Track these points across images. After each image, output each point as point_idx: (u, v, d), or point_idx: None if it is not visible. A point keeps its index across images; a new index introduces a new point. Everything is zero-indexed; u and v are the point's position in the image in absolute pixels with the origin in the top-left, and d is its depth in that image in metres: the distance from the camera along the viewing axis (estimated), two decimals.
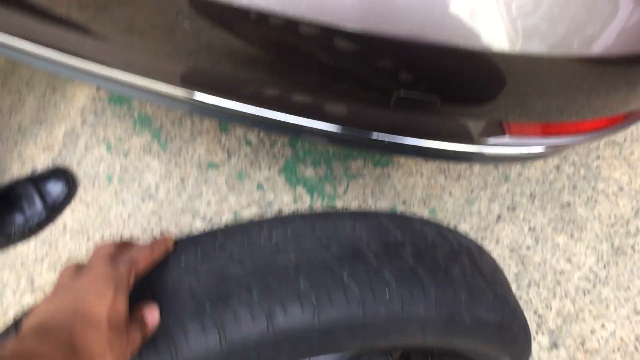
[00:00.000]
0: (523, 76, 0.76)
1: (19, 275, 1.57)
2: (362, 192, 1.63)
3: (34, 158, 1.66)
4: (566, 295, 1.51)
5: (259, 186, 1.64)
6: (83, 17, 0.86)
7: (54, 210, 1.58)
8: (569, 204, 1.59)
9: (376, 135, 1.07)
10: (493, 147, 1.05)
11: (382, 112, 1.01)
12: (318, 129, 1.08)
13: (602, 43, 0.66)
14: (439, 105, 0.87)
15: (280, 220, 0.63)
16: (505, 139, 1.01)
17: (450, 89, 0.84)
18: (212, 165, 1.66)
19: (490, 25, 0.65)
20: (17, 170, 1.65)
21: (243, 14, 0.68)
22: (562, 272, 1.53)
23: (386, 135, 1.06)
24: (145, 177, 1.64)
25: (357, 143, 1.15)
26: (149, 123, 1.70)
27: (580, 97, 0.83)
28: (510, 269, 1.54)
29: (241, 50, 0.83)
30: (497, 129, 0.99)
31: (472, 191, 1.62)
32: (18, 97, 1.73)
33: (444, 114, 0.93)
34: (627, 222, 1.56)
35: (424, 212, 1.60)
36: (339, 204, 1.62)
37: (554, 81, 0.77)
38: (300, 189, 1.64)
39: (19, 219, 1.53)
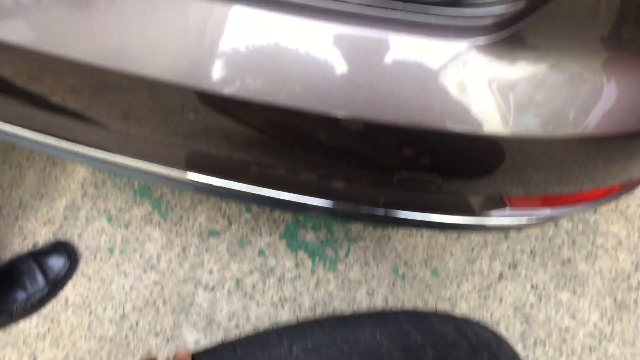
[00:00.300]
0: (521, 156, 0.78)
1: (21, 353, 1.55)
2: (364, 254, 1.64)
3: (35, 232, 1.66)
4: (573, 353, 1.51)
5: (261, 252, 1.64)
6: (81, 106, 0.87)
7: (55, 285, 1.57)
8: (569, 260, 1.61)
9: (379, 211, 1.08)
10: (495, 219, 1.07)
11: (385, 190, 1.02)
12: (321, 207, 1.10)
13: (593, 124, 0.68)
14: (440, 184, 0.89)
15: (300, 331, 0.64)
16: (507, 211, 1.03)
17: (452, 169, 0.86)
18: (213, 233, 1.66)
19: (487, 111, 0.67)
20: (19, 245, 1.64)
21: (247, 105, 0.70)
22: (567, 330, 1.53)
23: (389, 210, 1.07)
24: (146, 248, 1.64)
25: (360, 218, 1.16)
26: (149, 193, 1.70)
27: (578, 171, 0.85)
28: (515, 328, 1.54)
29: (246, 137, 0.85)
30: (498, 202, 1.01)
31: (472, 250, 1.63)
32: (19, 171, 1.74)
33: (446, 191, 0.95)
34: (628, 276, 1.58)
35: (425, 273, 1.61)
36: (341, 267, 1.62)
37: (550, 159, 0.79)
38: (302, 254, 1.64)
39: (21, 295, 1.51)
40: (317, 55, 0.66)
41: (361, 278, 1.61)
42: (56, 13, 0.69)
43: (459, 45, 0.65)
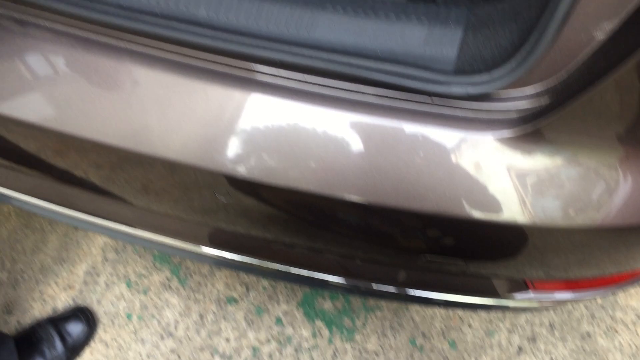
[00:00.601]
0: (542, 242, 0.79)
1: None
2: (381, 324, 1.63)
3: (55, 297, 1.67)
4: None
5: (278, 321, 1.64)
6: (100, 182, 0.90)
7: (73, 351, 1.57)
8: (589, 334, 1.59)
9: (399, 290, 1.09)
10: (518, 301, 1.07)
11: (406, 271, 1.04)
12: (340, 284, 1.11)
13: (610, 215, 0.70)
14: (464, 267, 0.90)
15: None
16: (530, 294, 1.03)
17: (475, 254, 0.87)
18: (230, 300, 1.67)
19: (507, 200, 0.69)
20: (39, 310, 1.66)
21: (269, 188, 0.72)
22: None
23: (410, 289, 1.08)
24: (164, 314, 1.65)
25: (380, 295, 1.17)
26: (168, 259, 1.72)
27: (600, 256, 0.86)
28: None
29: (264, 216, 0.87)
30: (522, 285, 1.02)
31: (491, 322, 1.62)
32: (41, 235, 1.77)
33: (470, 274, 0.96)
34: None
35: (443, 345, 1.59)
36: (358, 337, 1.61)
37: (571, 245, 0.80)
38: (319, 323, 1.64)
39: None
40: (344, 144, 0.68)
41: (378, 349, 1.60)
42: (81, 95, 0.71)
43: (483, 138, 0.67)
